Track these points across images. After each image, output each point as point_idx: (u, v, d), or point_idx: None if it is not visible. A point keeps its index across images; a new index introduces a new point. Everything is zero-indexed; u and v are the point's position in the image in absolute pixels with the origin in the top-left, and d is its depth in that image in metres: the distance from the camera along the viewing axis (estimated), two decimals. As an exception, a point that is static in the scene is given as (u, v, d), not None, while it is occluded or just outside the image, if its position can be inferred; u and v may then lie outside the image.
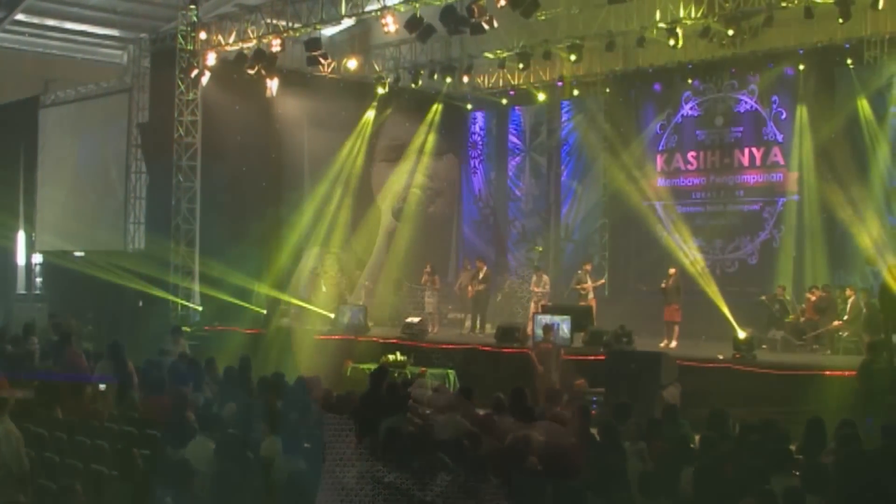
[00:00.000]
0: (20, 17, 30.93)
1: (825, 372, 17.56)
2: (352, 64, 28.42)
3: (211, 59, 26.35)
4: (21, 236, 32.68)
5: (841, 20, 21.51)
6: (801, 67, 25.51)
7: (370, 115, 30.23)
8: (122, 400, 13.72)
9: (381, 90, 29.32)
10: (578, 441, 9.88)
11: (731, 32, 23.08)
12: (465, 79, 29.16)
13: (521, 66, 26.52)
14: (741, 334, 19.79)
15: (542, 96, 30.17)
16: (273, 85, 26.75)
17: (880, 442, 9.98)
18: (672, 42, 23.33)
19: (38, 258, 32.66)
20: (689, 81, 27.73)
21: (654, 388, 18.11)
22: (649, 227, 28.77)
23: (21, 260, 32.74)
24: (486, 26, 21.04)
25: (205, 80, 26.58)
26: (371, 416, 12.05)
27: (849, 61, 24.65)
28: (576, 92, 29.62)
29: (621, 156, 29.10)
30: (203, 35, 26.89)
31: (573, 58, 25.35)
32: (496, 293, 28.38)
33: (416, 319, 24.36)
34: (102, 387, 14.83)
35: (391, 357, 21.18)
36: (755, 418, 16.25)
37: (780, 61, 25.85)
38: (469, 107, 33.12)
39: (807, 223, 25.60)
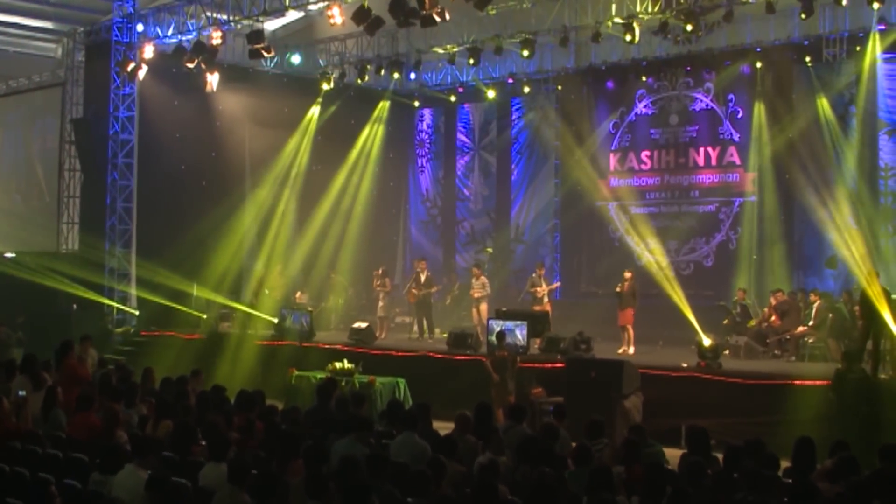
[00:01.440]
0: (-51, 9, 29.69)
1: (795, 381, 16.82)
2: (295, 59, 27.52)
3: (148, 52, 25.29)
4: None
5: (804, 15, 20.95)
6: (759, 65, 24.97)
7: (315, 111, 29.23)
8: (47, 418, 12.58)
9: (325, 86, 28.30)
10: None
11: (689, 28, 22.35)
12: (413, 75, 28.24)
13: (471, 61, 25.59)
14: (706, 341, 18.96)
15: (491, 93, 29.47)
16: (213, 80, 25.73)
17: (879, 465, 9.19)
18: (628, 38, 22.56)
19: (-36, 260, 31.39)
20: (643, 79, 27.12)
21: (616, 398, 17.34)
22: (602, 229, 28.40)
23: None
24: (437, 18, 20.05)
25: (142, 73, 25.53)
26: (319, 435, 11.15)
27: (807, 59, 24.14)
28: (527, 89, 28.87)
29: (573, 155, 28.51)
30: (140, 27, 25.98)
31: (525, 53, 24.56)
32: (445, 296, 27.51)
33: (363, 325, 23.37)
34: (22, 393, 13.73)
35: (338, 364, 20.15)
36: (720, 428, 15.75)
37: (737, 59, 25.33)
38: (416, 104, 32.26)
39: (765, 225, 25.06)
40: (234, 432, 11.15)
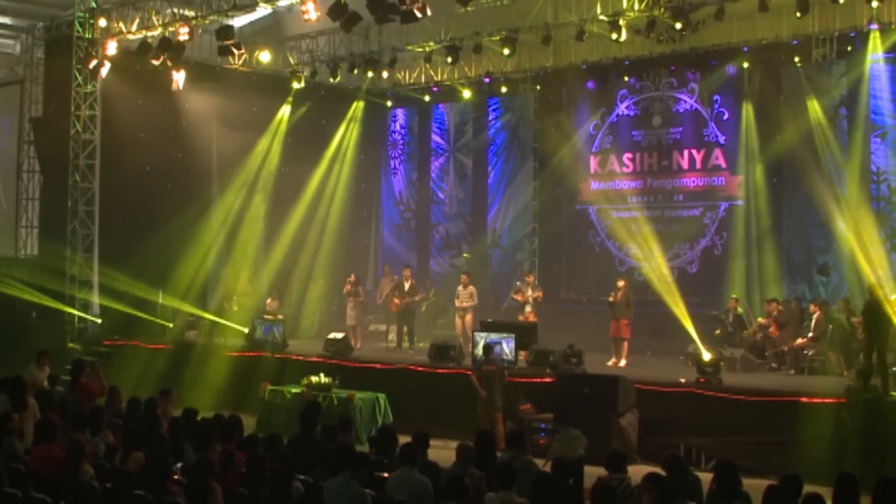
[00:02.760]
0: None
1: (802, 398, 15.97)
2: (264, 56, 26.55)
3: (111, 48, 24.40)
4: None
5: (798, 14, 20.29)
6: (745, 65, 24.22)
7: (285, 111, 28.22)
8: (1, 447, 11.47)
9: (296, 85, 27.26)
10: None
11: (678, 26, 21.48)
12: (385, 74, 27.29)
13: (449, 59, 24.71)
14: (706, 355, 18.08)
15: (467, 93, 28.54)
16: (179, 78, 24.86)
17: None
18: (614, 36, 21.72)
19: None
20: (625, 79, 26.28)
21: (611, 416, 16.49)
22: (582, 233, 27.64)
23: None
24: (418, 14, 19.14)
25: (104, 71, 24.59)
26: (306, 466, 10.19)
27: (796, 59, 23.40)
28: (504, 89, 27.96)
29: (552, 157, 27.71)
30: (103, 22, 25.06)
31: (506, 51, 23.79)
32: (420, 304, 26.53)
33: (339, 335, 22.36)
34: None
35: (314, 378, 19.30)
36: (721, 448, 14.92)
37: (723, 59, 24.49)
38: (389, 104, 31.28)
39: (752, 230, 24.33)
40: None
